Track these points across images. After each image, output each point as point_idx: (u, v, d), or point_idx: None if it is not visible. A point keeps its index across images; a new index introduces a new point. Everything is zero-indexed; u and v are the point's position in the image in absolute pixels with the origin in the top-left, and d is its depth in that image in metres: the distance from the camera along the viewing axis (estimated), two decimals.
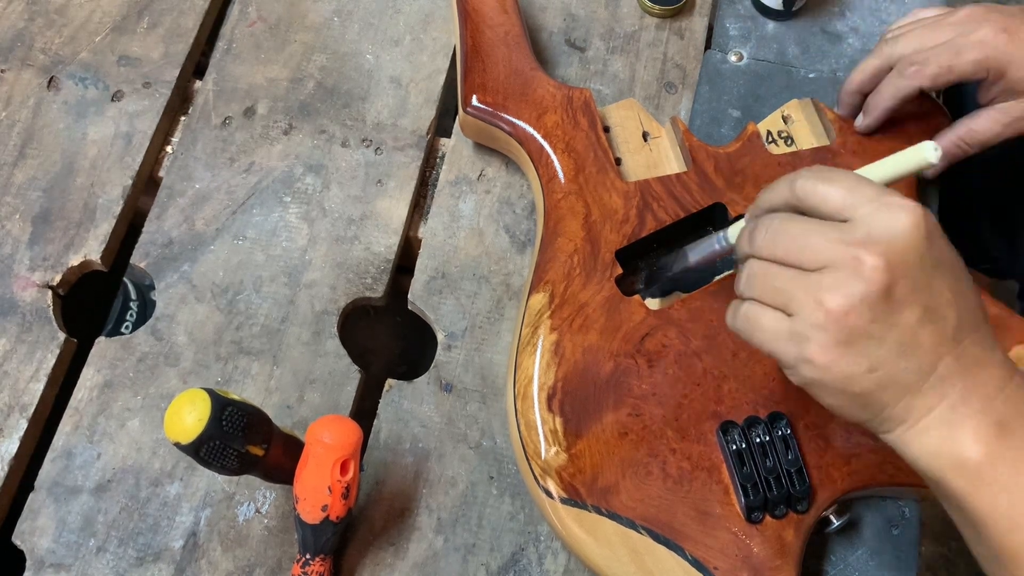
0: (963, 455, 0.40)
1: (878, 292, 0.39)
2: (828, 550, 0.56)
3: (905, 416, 0.41)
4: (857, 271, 0.39)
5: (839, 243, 0.40)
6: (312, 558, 0.51)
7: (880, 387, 0.40)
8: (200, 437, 0.45)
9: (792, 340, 0.41)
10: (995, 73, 0.54)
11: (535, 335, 0.54)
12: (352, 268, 0.63)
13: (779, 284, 0.42)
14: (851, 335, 0.39)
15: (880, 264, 0.39)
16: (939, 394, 0.40)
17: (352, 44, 0.70)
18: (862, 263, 0.39)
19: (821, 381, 0.41)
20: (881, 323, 0.39)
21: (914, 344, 0.40)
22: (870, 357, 0.40)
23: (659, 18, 0.71)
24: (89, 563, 0.55)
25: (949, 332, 0.40)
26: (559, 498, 0.51)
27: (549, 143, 0.60)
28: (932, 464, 0.41)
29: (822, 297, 0.40)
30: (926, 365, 0.40)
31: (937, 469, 0.41)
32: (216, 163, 0.66)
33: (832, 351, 0.40)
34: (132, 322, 0.79)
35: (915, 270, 0.39)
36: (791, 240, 0.41)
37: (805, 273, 0.41)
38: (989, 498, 0.40)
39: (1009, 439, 0.40)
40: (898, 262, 0.39)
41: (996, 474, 0.40)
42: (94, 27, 0.70)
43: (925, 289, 0.40)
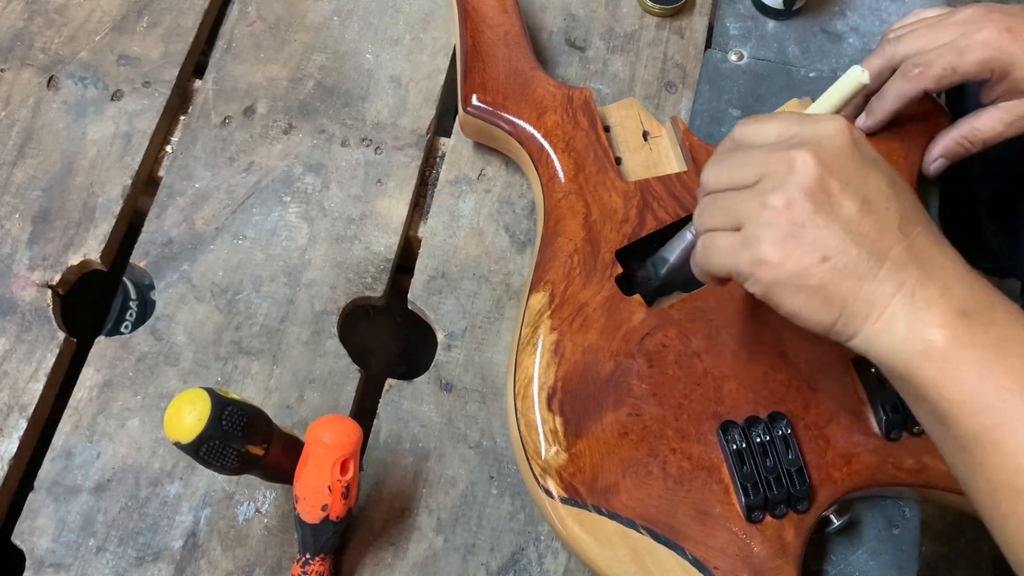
0: (928, 340, 0.40)
1: (813, 183, 0.41)
2: (828, 550, 0.56)
3: (867, 310, 0.41)
4: (791, 168, 0.42)
5: (772, 151, 0.43)
6: (312, 558, 0.51)
7: (835, 276, 0.41)
8: (200, 437, 0.45)
9: (745, 247, 0.43)
10: (999, 73, 0.54)
11: (535, 335, 0.54)
12: (352, 268, 0.63)
13: (726, 204, 0.44)
14: (797, 227, 0.41)
15: (810, 158, 0.41)
16: (896, 281, 0.41)
17: (352, 44, 0.70)
18: (794, 160, 0.42)
19: (778, 280, 0.42)
20: (823, 214, 0.41)
21: (859, 232, 0.41)
22: (819, 246, 0.41)
23: (659, 17, 0.71)
24: (89, 563, 0.55)
25: (894, 222, 0.42)
26: (559, 498, 0.51)
27: (549, 143, 0.60)
28: (900, 355, 0.41)
29: (764, 199, 0.42)
30: (876, 252, 0.41)
31: (904, 360, 0.41)
32: (216, 163, 0.66)
33: (782, 245, 0.41)
34: (132, 322, 0.79)
35: (847, 166, 0.42)
36: (731, 165, 0.45)
37: (748, 188, 0.43)
38: (956, 383, 0.40)
39: (972, 323, 0.40)
40: (828, 158, 0.42)
41: (961, 358, 0.40)
42: (94, 26, 0.70)
43: (860, 183, 0.42)
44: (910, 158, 0.61)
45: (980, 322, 0.40)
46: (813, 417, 0.54)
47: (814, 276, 0.41)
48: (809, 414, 0.54)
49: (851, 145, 0.43)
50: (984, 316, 0.41)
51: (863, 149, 0.43)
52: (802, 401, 0.54)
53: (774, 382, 0.54)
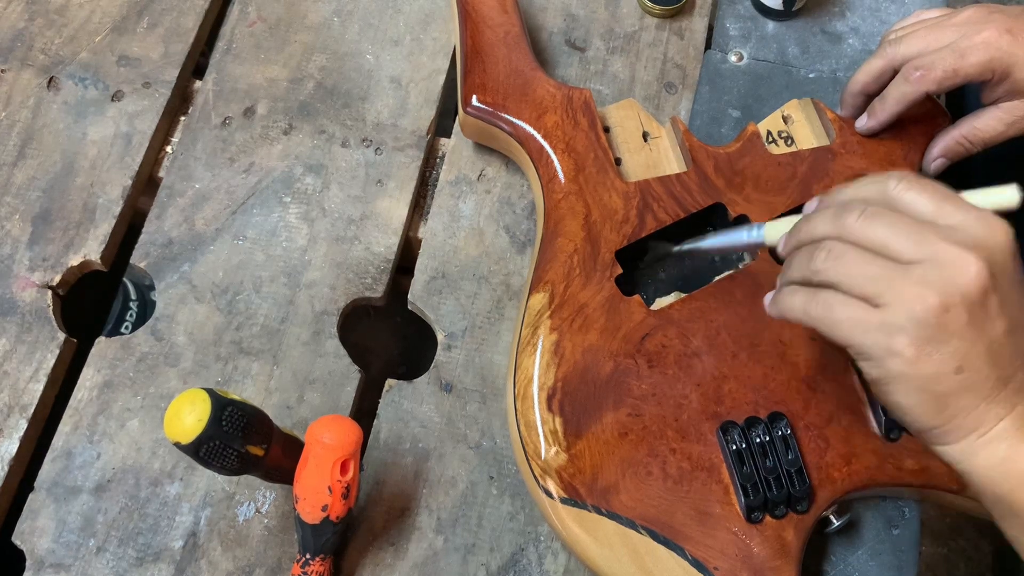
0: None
1: (978, 295, 0.39)
2: (828, 550, 0.56)
3: (976, 425, 0.41)
4: (962, 269, 0.39)
5: (943, 240, 0.39)
6: (312, 558, 0.51)
7: (962, 390, 0.40)
8: (200, 437, 0.45)
9: (882, 331, 0.40)
10: (1000, 74, 0.54)
11: (535, 335, 0.54)
12: (352, 268, 0.63)
13: (872, 271, 0.40)
14: (946, 334, 0.39)
15: (984, 270, 0.39)
16: (1010, 404, 0.40)
17: (352, 44, 0.70)
18: (968, 263, 0.39)
19: (905, 376, 0.40)
20: (976, 327, 0.39)
21: (999, 353, 0.40)
22: (959, 357, 0.39)
23: (659, 18, 0.71)
24: (89, 563, 0.55)
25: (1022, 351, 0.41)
26: (559, 498, 0.51)
27: (549, 143, 0.60)
28: (996, 477, 0.41)
29: (922, 290, 0.39)
30: (1005, 375, 0.40)
31: (1002, 481, 0.41)
32: (216, 163, 0.66)
33: (926, 346, 0.39)
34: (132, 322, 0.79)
35: (1008, 284, 0.40)
36: (891, 226, 0.40)
37: (902, 265, 0.40)
38: None
39: None
40: (997, 271, 0.39)
41: None
42: (94, 27, 0.70)
43: (1014, 304, 0.40)
44: (910, 158, 0.61)
45: None
46: (813, 417, 0.54)
47: (943, 384, 0.40)
48: (809, 414, 0.54)
49: (1013, 260, 0.40)
50: None
51: (1019, 263, 0.41)
52: (802, 401, 0.54)
53: (774, 382, 0.54)
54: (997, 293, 0.39)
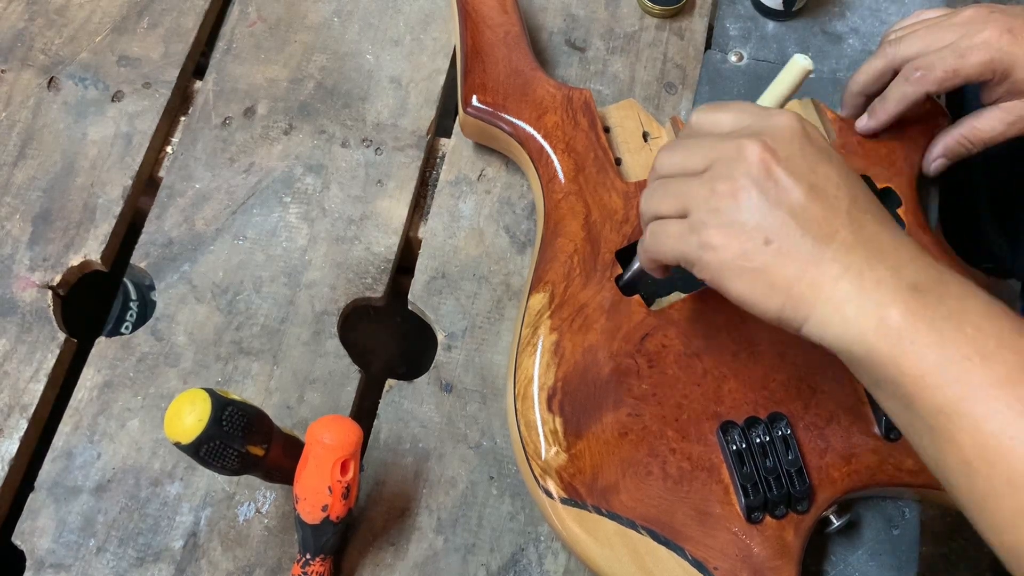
0: (881, 317, 0.40)
1: (761, 170, 0.42)
2: (828, 550, 0.56)
3: (813, 293, 0.41)
4: (739, 155, 0.43)
5: (723, 139, 0.44)
6: (312, 558, 0.51)
7: (778, 259, 0.41)
8: (200, 437, 0.45)
9: (692, 232, 0.43)
10: (1000, 74, 0.54)
11: (535, 335, 0.54)
12: (352, 268, 0.63)
13: (675, 189, 0.45)
14: (741, 212, 0.42)
15: (759, 146, 0.42)
16: (842, 264, 0.41)
17: (352, 44, 0.70)
18: (743, 148, 0.43)
19: (723, 263, 0.42)
20: (769, 198, 0.42)
21: (805, 217, 0.42)
22: (763, 229, 0.42)
23: (659, 18, 0.71)
24: (89, 563, 0.55)
25: (843, 208, 0.42)
26: (559, 498, 0.51)
27: (549, 143, 0.60)
28: (854, 336, 0.40)
29: (712, 185, 0.43)
30: (822, 235, 0.41)
31: (859, 341, 0.40)
32: (216, 163, 0.66)
33: (726, 228, 0.42)
34: (132, 322, 0.79)
35: (795, 155, 0.43)
36: (684, 151, 0.46)
37: (698, 175, 0.44)
38: (914, 357, 0.39)
39: (925, 297, 0.40)
40: (778, 147, 0.43)
41: (918, 330, 0.39)
42: (94, 27, 0.70)
43: (808, 172, 0.42)
44: (910, 159, 0.61)
45: (933, 295, 0.40)
46: (813, 417, 0.54)
47: (756, 258, 0.42)
48: (809, 414, 0.54)
49: (801, 136, 0.43)
50: (937, 290, 0.40)
51: (814, 141, 0.44)
52: (802, 401, 0.54)
53: (774, 382, 0.54)
54: (783, 164, 0.42)
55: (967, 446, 0.38)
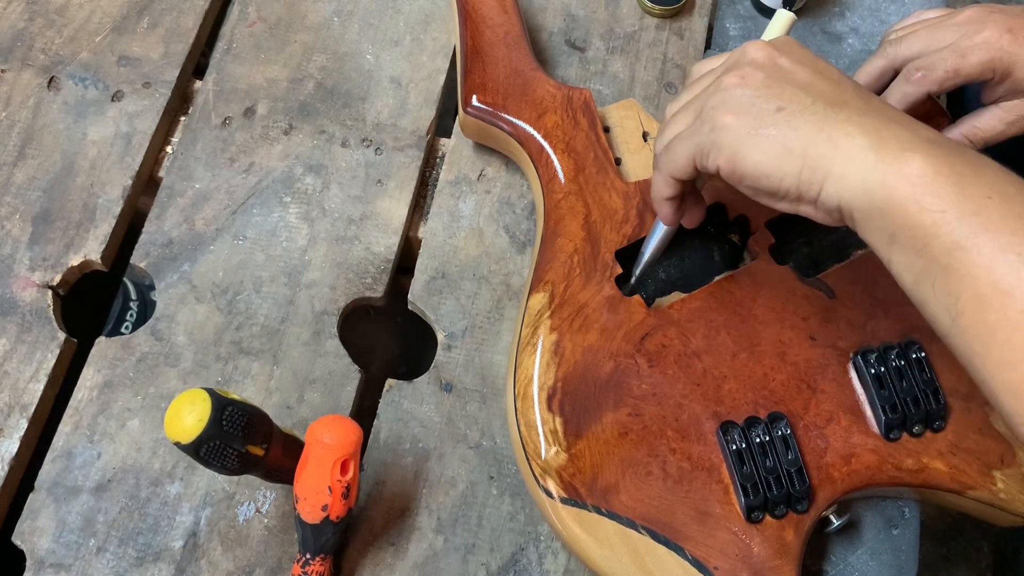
0: (903, 162, 0.39)
1: (765, 59, 0.44)
2: (828, 550, 0.56)
3: (831, 149, 0.41)
4: (743, 54, 0.45)
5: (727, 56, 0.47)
6: (312, 558, 0.51)
7: (792, 119, 0.42)
8: (200, 437, 0.45)
9: (702, 122, 0.44)
10: (1000, 74, 0.54)
11: (535, 335, 0.54)
12: (352, 268, 0.63)
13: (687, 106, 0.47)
14: (750, 91, 0.43)
15: (762, 45, 0.45)
16: (858, 122, 0.41)
17: (352, 44, 0.70)
18: (745, 50, 0.45)
19: (736, 137, 0.43)
20: (777, 78, 0.44)
21: (814, 89, 0.43)
22: (773, 99, 0.43)
23: (659, 18, 0.71)
24: (89, 563, 0.55)
25: (849, 87, 0.44)
26: (559, 498, 0.51)
27: (549, 143, 0.60)
28: (874, 183, 0.40)
29: (718, 82, 0.45)
30: (832, 102, 0.42)
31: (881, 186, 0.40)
32: (216, 163, 0.66)
33: (736, 106, 0.43)
34: (132, 322, 0.79)
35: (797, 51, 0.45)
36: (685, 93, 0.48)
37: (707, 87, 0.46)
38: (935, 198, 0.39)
39: (946, 151, 0.40)
40: (778, 46, 0.45)
41: (939, 171, 0.39)
42: (94, 27, 0.70)
43: (811, 62, 0.45)
44: None
45: (953, 149, 0.40)
46: (813, 417, 0.54)
47: (769, 125, 0.42)
48: (808, 414, 0.54)
49: (798, 44, 0.46)
50: (953, 146, 0.41)
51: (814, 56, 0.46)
52: (802, 401, 0.54)
53: (774, 382, 0.54)
54: (786, 57, 0.44)
55: (983, 279, 0.38)
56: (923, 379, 0.54)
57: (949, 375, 0.54)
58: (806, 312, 0.56)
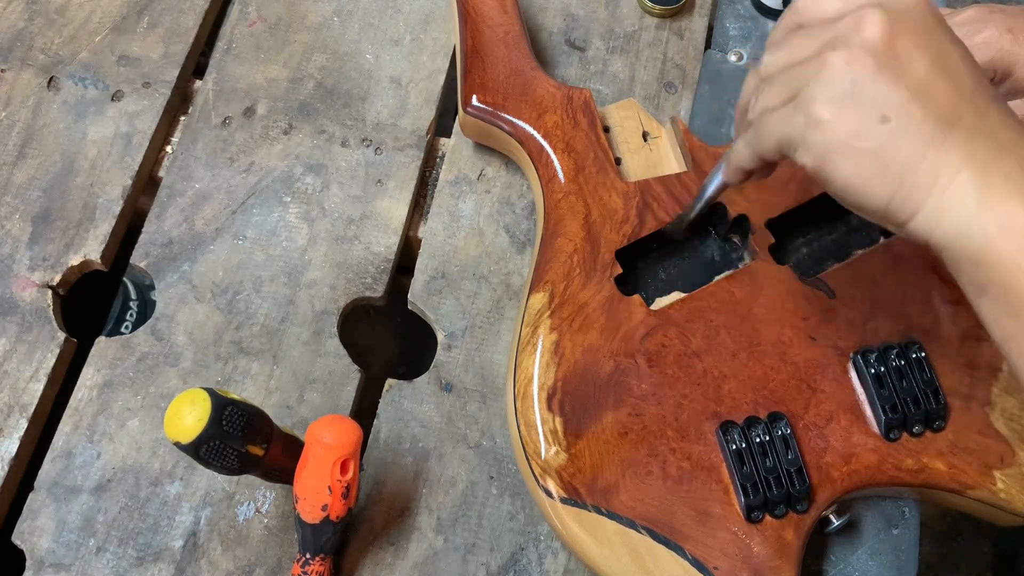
0: (1008, 213, 0.36)
1: (882, 39, 0.37)
2: (828, 550, 0.56)
3: (931, 180, 0.37)
4: (858, 25, 0.38)
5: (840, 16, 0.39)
6: (312, 558, 0.51)
7: (895, 139, 0.37)
8: (200, 437, 0.45)
9: (798, 109, 0.39)
10: (1001, 74, 0.54)
11: (535, 335, 0.54)
12: (352, 268, 0.63)
13: (783, 78, 0.40)
14: (857, 84, 0.37)
15: (881, 15, 0.37)
16: (967, 150, 0.37)
17: (352, 44, 0.70)
18: (863, 18, 0.37)
19: (831, 143, 0.38)
20: (889, 70, 0.37)
21: (928, 94, 0.37)
22: (880, 105, 0.37)
23: (659, 18, 0.71)
24: (89, 563, 0.55)
25: (966, 90, 0.38)
26: (559, 498, 0.51)
27: (549, 143, 0.60)
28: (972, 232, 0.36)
29: (824, 56, 0.38)
30: (945, 117, 0.37)
31: (979, 237, 0.36)
32: (216, 163, 0.66)
33: (838, 103, 0.37)
34: (132, 322, 0.79)
35: (920, 27, 0.38)
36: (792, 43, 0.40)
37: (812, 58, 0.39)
38: None
39: None
40: (900, 18, 0.38)
41: None
42: (94, 27, 0.70)
43: (934, 45, 0.38)
44: None
45: None
46: (812, 417, 0.54)
47: (870, 137, 0.37)
48: (808, 414, 0.54)
49: (929, 11, 0.38)
50: None
51: (940, 18, 0.39)
52: (802, 401, 0.54)
53: (773, 382, 0.54)
54: (906, 35, 0.37)
55: None
56: (923, 379, 0.54)
57: (949, 375, 0.54)
58: (806, 312, 0.56)
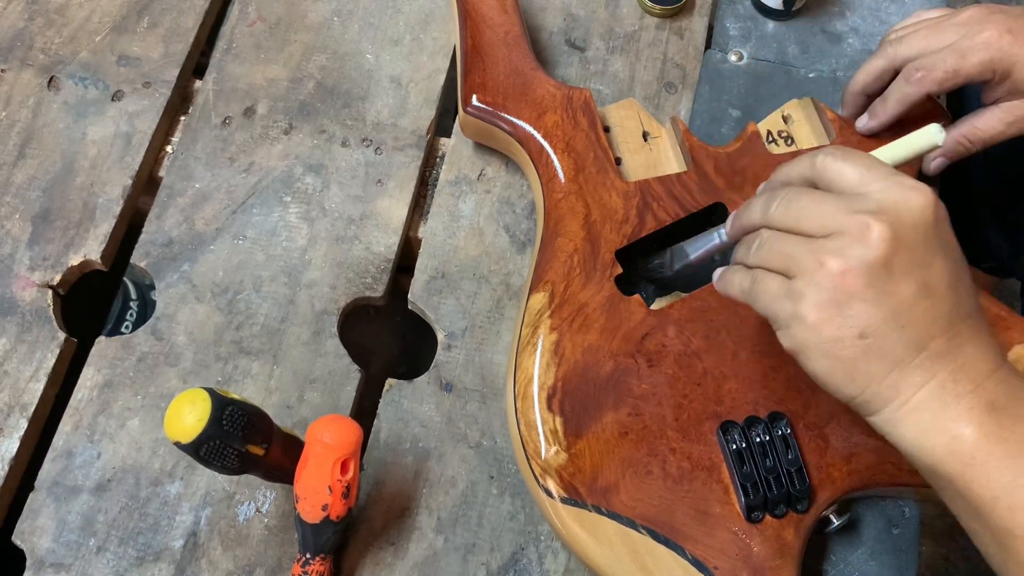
0: (956, 435, 0.40)
1: (879, 258, 0.40)
2: (828, 550, 0.56)
3: (893, 394, 0.41)
4: (862, 236, 0.40)
5: (849, 211, 0.41)
6: (312, 557, 0.51)
7: (867, 355, 0.40)
8: (200, 437, 0.45)
9: (789, 298, 0.42)
10: (1001, 74, 0.54)
11: (535, 335, 0.54)
12: (352, 268, 0.63)
13: (787, 249, 0.43)
14: (845, 296, 0.40)
15: (885, 233, 0.40)
16: (929, 372, 0.40)
17: (352, 44, 0.70)
18: (869, 229, 0.40)
19: (809, 342, 0.41)
20: (877, 290, 0.40)
21: (908, 317, 0.40)
22: (861, 322, 0.40)
23: (659, 18, 0.71)
24: (89, 563, 0.55)
25: (944, 313, 0.41)
26: (559, 498, 0.51)
27: (549, 143, 0.60)
28: (923, 447, 0.41)
29: (823, 258, 0.40)
30: (917, 340, 0.40)
31: (929, 452, 0.40)
32: (216, 163, 0.66)
33: (824, 310, 0.40)
34: (132, 322, 0.79)
35: (919, 247, 0.40)
36: (804, 207, 0.42)
37: (813, 239, 0.42)
38: (985, 479, 0.39)
39: (1001, 419, 0.40)
40: (903, 235, 0.40)
41: (991, 453, 0.39)
42: (94, 27, 0.70)
43: (925, 267, 0.41)
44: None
45: (1011, 416, 0.40)
46: (813, 417, 0.54)
47: (846, 349, 0.41)
48: (809, 414, 0.54)
49: (932, 225, 0.41)
50: (1015, 410, 0.40)
51: (941, 230, 0.41)
52: (802, 401, 0.54)
53: (774, 382, 0.54)
54: (903, 255, 0.40)
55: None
56: None
57: None
58: None
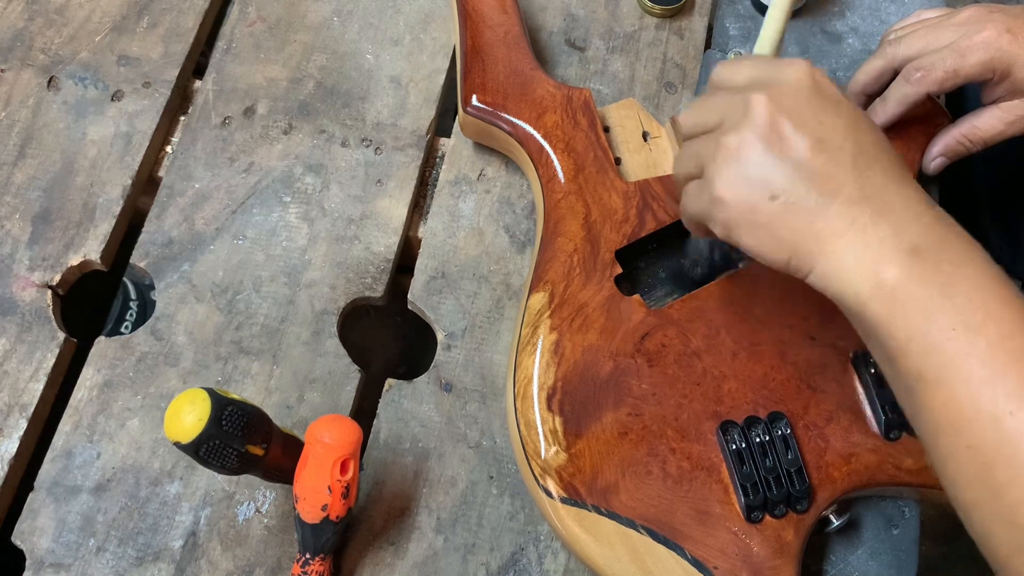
0: (878, 278, 0.41)
1: (766, 123, 0.42)
2: (828, 550, 0.56)
3: (816, 246, 0.42)
4: (746, 110, 0.43)
5: (733, 94, 0.44)
6: (312, 557, 0.51)
7: (784, 213, 0.42)
8: (200, 437, 0.45)
9: (704, 190, 0.45)
10: (1000, 74, 0.54)
11: (535, 335, 0.54)
12: (352, 268, 0.63)
13: (694, 148, 0.46)
14: (746, 166, 0.43)
15: (765, 102, 0.43)
16: (847, 218, 0.42)
17: (352, 44, 0.70)
18: (749, 102, 0.43)
19: (732, 219, 0.44)
20: (774, 153, 0.42)
21: (809, 170, 0.42)
22: (767, 184, 0.42)
23: (659, 18, 0.71)
24: (89, 563, 0.55)
25: (847, 161, 0.42)
26: (559, 498, 0.51)
27: (549, 143, 0.60)
28: (850, 292, 0.42)
29: (719, 140, 0.44)
30: (827, 190, 0.42)
31: (854, 296, 0.41)
32: (216, 163, 0.66)
33: (732, 184, 0.43)
34: (132, 322, 0.79)
35: (804, 108, 0.43)
36: (699, 109, 0.47)
37: (711, 132, 0.45)
38: (903, 321, 0.40)
39: (923, 261, 0.41)
40: (784, 101, 0.43)
41: (910, 295, 0.40)
42: (94, 27, 0.70)
43: (815, 124, 0.43)
44: (910, 158, 0.61)
45: (931, 259, 0.41)
46: (812, 417, 0.54)
47: (763, 213, 0.43)
48: (808, 414, 0.54)
49: (810, 88, 0.43)
50: (936, 253, 0.41)
51: (823, 90, 0.44)
52: (802, 401, 0.54)
53: (774, 382, 0.54)
54: (790, 118, 0.42)
55: (938, 411, 0.40)
56: None
57: None
58: (806, 312, 0.56)
